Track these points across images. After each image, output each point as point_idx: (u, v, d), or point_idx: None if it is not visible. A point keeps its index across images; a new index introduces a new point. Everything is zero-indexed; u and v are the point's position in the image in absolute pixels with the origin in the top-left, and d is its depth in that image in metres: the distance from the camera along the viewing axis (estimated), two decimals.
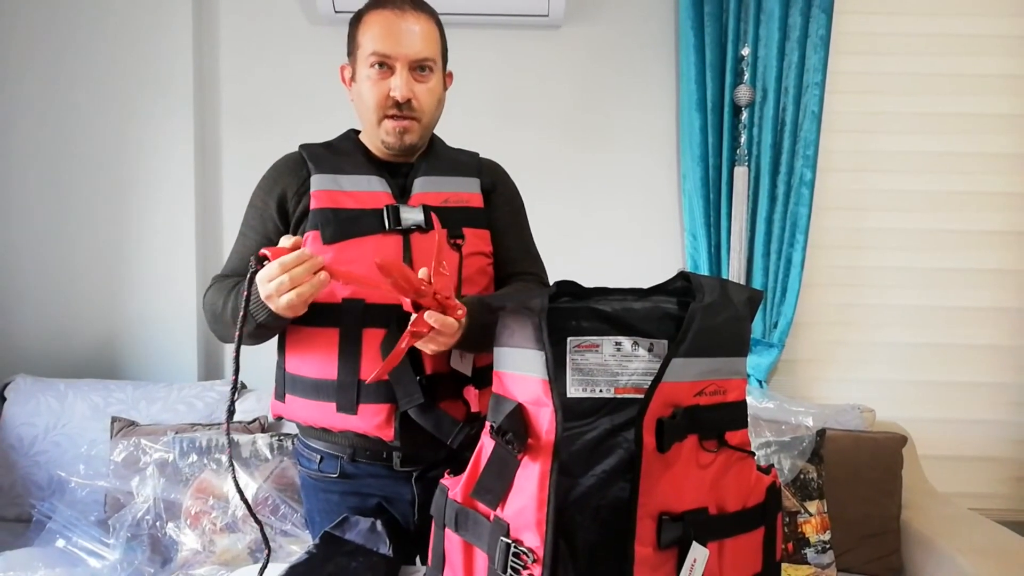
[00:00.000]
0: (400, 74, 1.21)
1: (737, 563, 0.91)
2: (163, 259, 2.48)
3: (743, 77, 2.38)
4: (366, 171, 1.27)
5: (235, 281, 1.23)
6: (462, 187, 1.32)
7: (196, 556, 1.90)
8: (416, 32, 1.22)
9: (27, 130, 2.44)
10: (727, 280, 0.96)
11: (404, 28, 1.21)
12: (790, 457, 2.03)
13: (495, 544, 0.87)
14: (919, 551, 2.03)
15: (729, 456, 0.90)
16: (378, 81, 1.23)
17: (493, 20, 2.43)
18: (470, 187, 1.33)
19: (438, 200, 1.27)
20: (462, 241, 1.26)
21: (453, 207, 1.28)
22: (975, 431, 2.54)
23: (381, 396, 1.18)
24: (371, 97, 1.24)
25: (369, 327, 1.18)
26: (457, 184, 1.32)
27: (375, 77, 1.23)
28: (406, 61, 1.21)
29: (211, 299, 1.25)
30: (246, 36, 2.51)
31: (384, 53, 1.21)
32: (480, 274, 1.29)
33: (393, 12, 1.22)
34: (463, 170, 1.35)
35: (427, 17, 1.25)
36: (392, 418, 1.19)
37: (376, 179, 1.26)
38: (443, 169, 1.33)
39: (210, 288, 1.29)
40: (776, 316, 2.45)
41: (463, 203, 1.31)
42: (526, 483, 0.85)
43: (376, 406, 1.19)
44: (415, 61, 1.22)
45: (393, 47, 1.21)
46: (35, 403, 2.24)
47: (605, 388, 0.86)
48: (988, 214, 2.50)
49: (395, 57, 1.21)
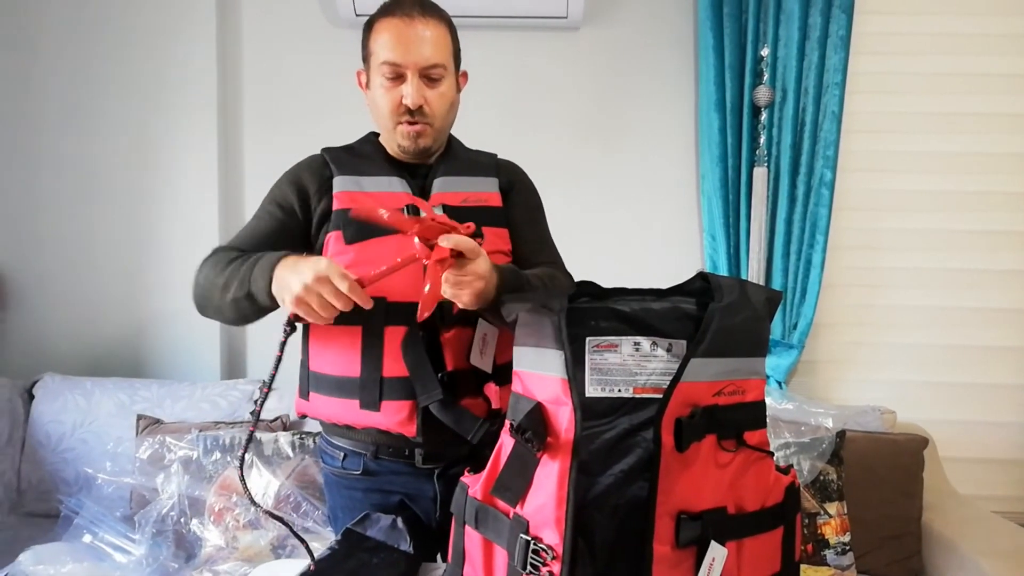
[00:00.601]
0: (411, 82, 1.23)
1: (756, 563, 0.91)
2: (187, 259, 2.50)
3: (762, 78, 2.38)
4: (386, 172, 1.30)
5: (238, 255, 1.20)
6: (481, 187, 1.34)
7: (220, 552, 1.92)
8: (426, 38, 1.23)
9: (54, 131, 2.49)
10: (746, 281, 0.96)
11: (413, 35, 1.22)
12: (810, 458, 2.02)
13: (515, 541, 0.88)
14: (940, 554, 2.02)
15: (748, 456, 0.90)
16: (390, 89, 1.24)
17: (512, 23, 2.45)
18: (488, 187, 1.35)
19: (457, 200, 1.29)
20: (481, 240, 1.28)
21: (472, 207, 1.30)
22: (997, 433, 2.52)
23: (403, 392, 1.20)
24: (384, 104, 1.26)
25: (391, 325, 1.20)
26: (476, 184, 1.34)
27: (387, 85, 1.24)
28: (416, 68, 1.23)
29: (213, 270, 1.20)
30: (268, 39, 2.54)
31: (394, 62, 1.22)
32: None
33: (402, 20, 1.23)
34: (481, 170, 1.37)
35: (436, 21, 1.26)
36: (414, 414, 1.20)
37: (397, 180, 1.29)
38: (461, 170, 1.35)
39: (210, 257, 1.24)
40: (796, 317, 2.44)
41: (482, 203, 1.32)
42: (545, 481, 0.86)
43: (398, 403, 1.20)
44: (425, 68, 1.23)
45: (403, 55, 1.22)
46: (62, 401, 2.29)
47: (624, 388, 0.87)
48: (1009, 214, 2.48)
49: (405, 65, 1.22)
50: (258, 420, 1.03)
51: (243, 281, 1.13)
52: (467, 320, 1.23)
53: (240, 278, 1.14)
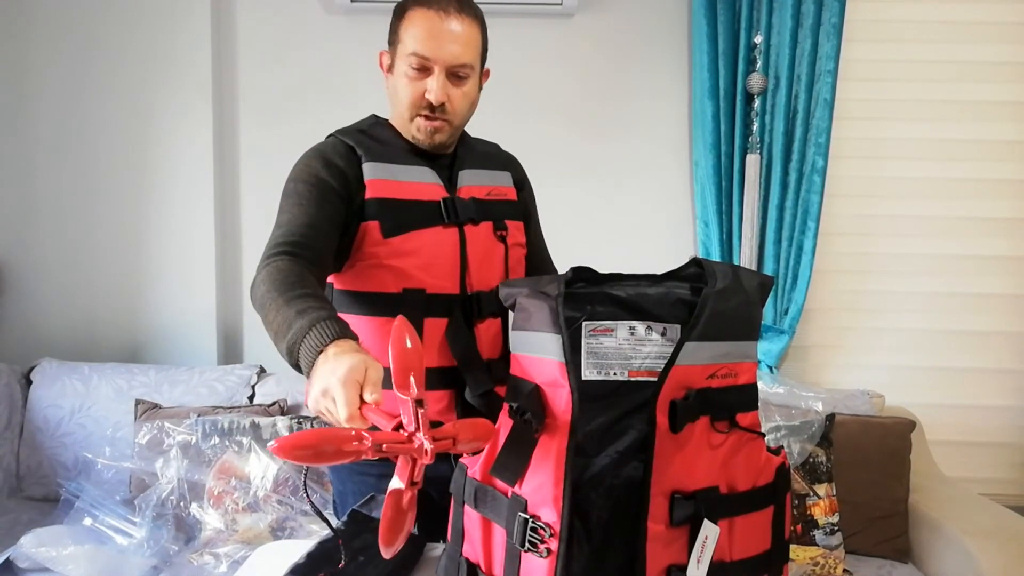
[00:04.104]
0: (437, 78, 1.20)
1: (747, 540, 0.94)
2: (183, 246, 2.53)
3: (755, 65, 2.39)
4: (415, 161, 1.27)
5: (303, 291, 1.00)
6: (500, 180, 1.35)
7: (219, 535, 1.95)
8: (458, 35, 1.20)
9: (50, 122, 2.49)
10: (739, 266, 0.98)
11: (446, 31, 1.19)
12: (800, 441, 2.06)
13: (513, 519, 0.90)
14: (926, 533, 2.06)
15: (740, 437, 0.93)
16: (414, 80, 1.22)
17: (507, 9, 2.45)
18: (506, 180, 1.37)
19: (482, 193, 1.30)
20: (506, 233, 1.29)
21: (496, 200, 1.31)
22: (984, 417, 2.56)
23: (443, 382, 1.21)
24: (406, 95, 1.23)
25: (431, 316, 1.20)
26: (496, 177, 1.35)
27: (412, 76, 1.22)
28: (444, 65, 1.20)
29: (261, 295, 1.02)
30: (264, 27, 2.54)
31: (424, 55, 1.19)
32: (518, 264, 1.34)
33: (437, 13, 1.19)
34: (497, 163, 1.38)
35: (471, 19, 1.23)
36: (454, 403, 1.22)
37: (427, 170, 1.26)
38: (482, 162, 1.35)
39: (273, 263, 1.06)
40: (787, 303, 2.47)
41: (503, 196, 1.33)
42: (543, 462, 0.88)
43: (439, 392, 1.22)
44: (453, 66, 1.21)
45: (434, 50, 1.19)
46: (60, 386, 2.30)
47: (619, 371, 0.89)
48: (999, 201, 2.51)
49: (434, 60, 1.20)
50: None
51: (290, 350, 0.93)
52: (500, 311, 1.26)
53: (288, 344, 0.93)
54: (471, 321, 1.24)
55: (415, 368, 0.77)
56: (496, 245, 1.28)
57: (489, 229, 1.28)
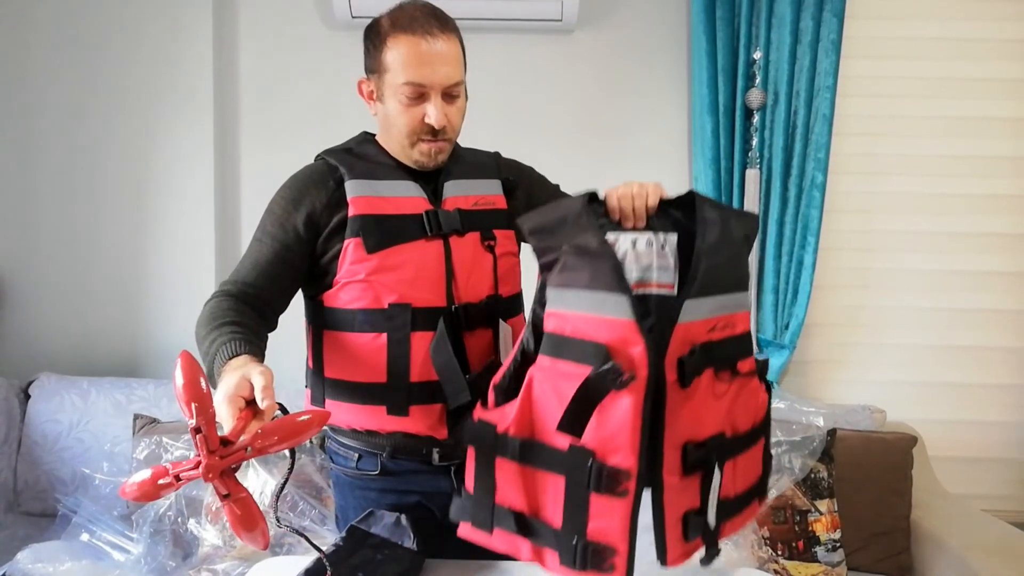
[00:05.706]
0: (435, 102, 1.21)
1: (744, 474, 1.04)
2: (182, 261, 2.53)
3: (755, 81, 2.40)
4: (399, 176, 1.27)
5: (222, 321, 1.10)
6: (487, 189, 1.35)
7: (217, 551, 1.94)
8: (446, 55, 1.21)
9: (50, 137, 2.50)
10: (726, 209, 1.05)
11: (434, 53, 1.19)
12: (801, 456, 2.05)
13: (580, 467, 0.93)
14: (929, 550, 2.05)
15: (741, 383, 1.01)
16: (410, 107, 1.22)
17: (507, 25, 2.46)
18: (494, 189, 1.36)
19: (468, 203, 1.29)
20: (494, 243, 1.29)
21: (482, 209, 1.31)
22: (986, 433, 2.55)
23: (433, 397, 1.21)
24: (404, 123, 1.23)
25: (418, 331, 1.20)
26: (483, 187, 1.34)
27: (407, 103, 1.21)
28: (440, 88, 1.21)
29: (201, 323, 1.12)
30: (265, 43, 2.55)
31: (419, 83, 1.19)
32: (508, 274, 1.33)
33: (422, 38, 1.19)
34: (485, 172, 1.38)
35: (451, 34, 1.23)
36: (444, 417, 1.21)
37: (411, 184, 1.27)
38: (469, 172, 1.35)
39: (209, 302, 1.17)
40: (788, 317, 2.47)
41: (490, 205, 1.33)
42: (616, 413, 0.92)
43: (428, 407, 1.21)
44: (448, 87, 1.22)
45: (428, 76, 1.19)
46: (59, 400, 2.29)
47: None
48: (998, 217, 2.51)
49: (430, 86, 1.20)
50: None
51: (208, 373, 1.02)
52: (489, 321, 1.26)
53: (206, 366, 1.04)
54: (459, 333, 1.23)
55: (194, 398, 0.85)
56: (484, 255, 1.28)
57: (476, 239, 1.28)
